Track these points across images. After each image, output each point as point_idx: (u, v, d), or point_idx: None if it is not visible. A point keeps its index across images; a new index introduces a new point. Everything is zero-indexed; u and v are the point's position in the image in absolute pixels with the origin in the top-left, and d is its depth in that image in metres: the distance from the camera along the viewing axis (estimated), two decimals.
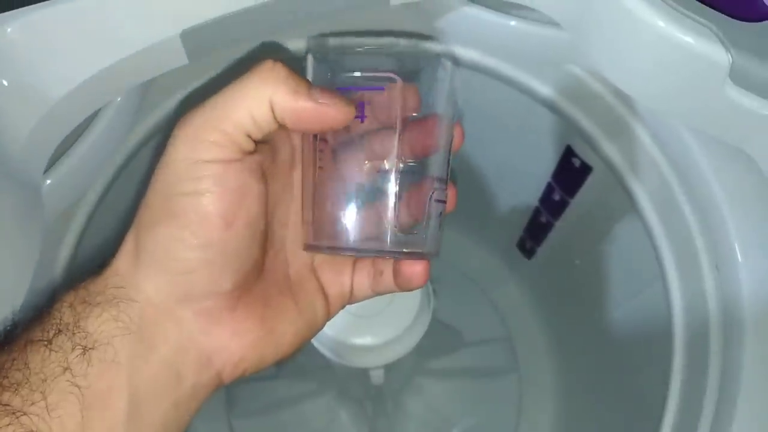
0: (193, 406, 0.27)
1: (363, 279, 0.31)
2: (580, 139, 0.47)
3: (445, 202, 0.29)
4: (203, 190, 0.24)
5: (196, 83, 0.43)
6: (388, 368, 0.50)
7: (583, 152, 0.50)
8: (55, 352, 0.24)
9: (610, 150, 0.44)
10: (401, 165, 0.27)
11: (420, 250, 0.29)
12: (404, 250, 0.28)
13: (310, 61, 0.28)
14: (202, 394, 0.27)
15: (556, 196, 0.57)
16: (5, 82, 0.30)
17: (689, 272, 0.39)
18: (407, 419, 0.70)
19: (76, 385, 0.23)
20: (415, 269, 0.29)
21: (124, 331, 0.25)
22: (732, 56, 0.28)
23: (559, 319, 0.72)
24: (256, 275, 0.28)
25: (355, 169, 0.28)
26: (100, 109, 0.36)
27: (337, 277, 0.31)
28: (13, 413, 0.22)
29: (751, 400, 0.33)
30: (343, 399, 0.71)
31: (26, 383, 0.23)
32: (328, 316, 0.31)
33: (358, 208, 0.28)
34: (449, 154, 0.29)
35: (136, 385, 0.24)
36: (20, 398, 0.23)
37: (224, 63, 0.44)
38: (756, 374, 0.34)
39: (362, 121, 0.27)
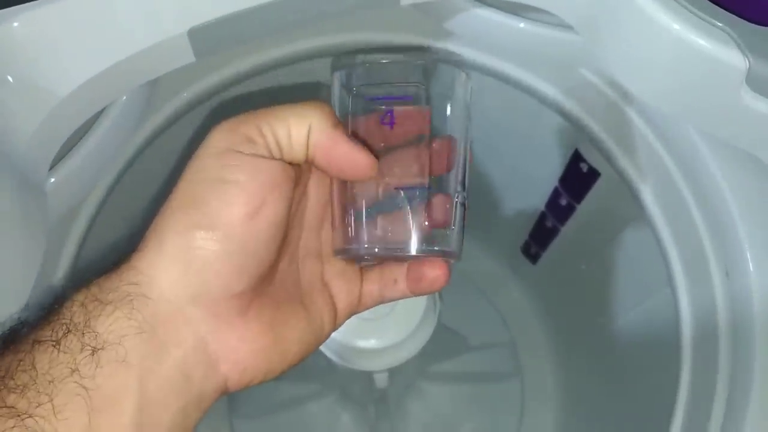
0: (199, 413, 0.26)
1: (372, 288, 0.31)
2: (589, 144, 0.47)
3: (465, 206, 0.30)
4: (230, 178, 0.24)
5: (203, 83, 0.43)
6: (392, 372, 0.50)
7: (591, 157, 0.49)
8: (64, 352, 0.23)
9: (619, 155, 0.44)
10: (433, 172, 0.29)
11: (449, 249, 0.30)
12: (435, 248, 0.29)
13: (336, 78, 0.29)
14: (207, 401, 0.26)
15: (563, 201, 0.57)
16: (10, 79, 0.29)
17: (698, 279, 0.39)
18: (410, 423, 0.70)
19: (84, 387, 0.23)
20: (437, 272, 0.30)
21: (136, 331, 0.24)
22: (749, 61, 0.27)
23: (563, 325, 0.72)
24: (270, 280, 0.27)
25: (386, 178, 0.29)
26: (105, 108, 0.36)
27: (347, 286, 0.31)
28: (18, 416, 0.22)
29: (761, 411, 0.33)
30: (345, 401, 0.70)
31: (33, 385, 0.22)
32: (335, 326, 0.31)
33: (388, 214, 0.29)
34: (467, 161, 0.30)
35: (145, 388, 0.24)
36: (26, 400, 0.22)
37: (231, 63, 0.43)
38: (766, 384, 0.33)
39: (391, 128, 0.29)
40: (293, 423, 0.70)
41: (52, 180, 0.34)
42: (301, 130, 0.26)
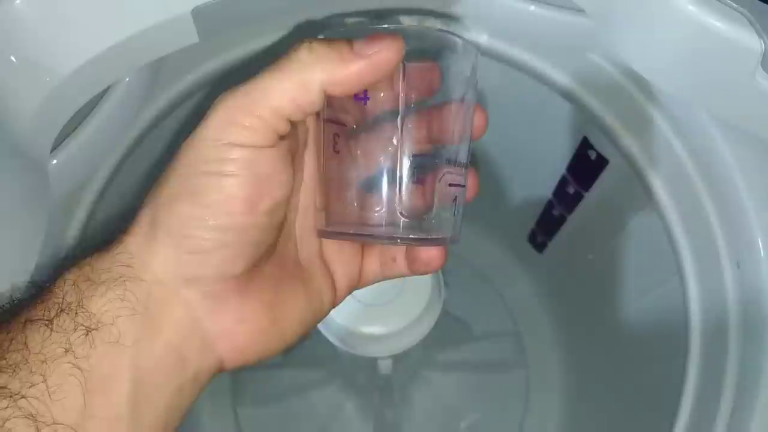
0: (195, 392, 0.26)
1: (372, 265, 0.31)
2: (598, 131, 0.46)
3: (462, 186, 0.28)
4: (229, 172, 0.24)
5: (208, 65, 0.43)
6: (397, 358, 0.50)
7: (600, 144, 0.49)
8: (56, 332, 0.23)
9: (629, 142, 0.43)
10: (410, 150, 0.27)
11: (431, 236, 0.28)
12: (411, 236, 0.27)
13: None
14: (203, 380, 0.26)
15: (570, 189, 0.56)
16: (13, 58, 0.29)
17: (708, 268, 0.38)
18: (414, 411, 0.70)
19: (78, 368, 0.22)
20: (432, 253, 0.29)
21: (129, 312, 0.24)
22: (765, 43, 0.27)
23: (569, 315, 0.72)
24: (268, 260, 0.27)
25: (369, 155, 0.27)
26: (107, 90, 0.36)
27: (346, 263, 0.30)
28: (11, 396, 0.21)
29: None
30: (349, 389, 0.70)
31: (25, 364, 0.22)
32: (334, 303, 0.30)
33: (371, 194, 0.27)
34: (467, 139, 0.28)
35: (140, 369, 0.24)
36: (18, 380, 0.22)
37: (237, 45, 0.43)
38: None
39: (365, 104, 0.27)
40: (297, 410, 0.70)
41: (54, 161, 0.34)
42: (311, 91, 0.24)
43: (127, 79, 0.36)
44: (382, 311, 0.46)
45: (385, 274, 0.31)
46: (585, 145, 0.50)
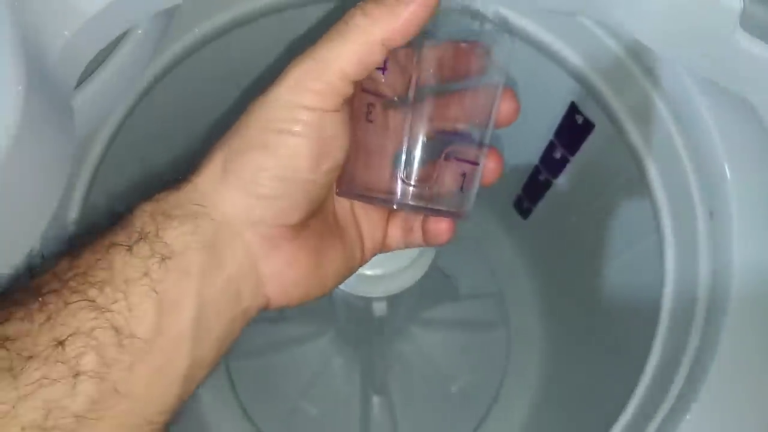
0: (242, 325, 0.29)
1: (396, 232, 0.34)
2: (585, 95, 0.48)
3: (474, 165, 0.31)
4: (298, 132, 0.26)
5: (222, 15, 0.44)
6: (390, 303, 0.52)
7: (587, 109, 0.51)
8: (136, 257, 0.25)
9: (615, 105, 0.45)
10: (422, 124, 0.29)
11: (434, 207, 0.30)
12: (412, 203, 0.30)
13: None
14: (250, 315, 0.29)
15: (557, 154, 0.58)
16: None
17: (684, 219, 0.41)
18: (400, 365, 0.73)
19: (154, 290, 0.25)
20: (440, 226, 0.32)
21: (198, 245, 0.26)
22: (744, 2, 0.29)
23: (550, 277, 0.74)
24: (316, 214, 0.30)
25: (388, 126, 0.30)
26: (120, 37, 0.37)
27: (372, 226, 0.33)
28: (99, 309, 0.24)
29: (727, 361, 0.35)
30: (339, 343, 0.73)
31: (110, 283, 0.25)
32: (363, 260, 0.34)
33: (386, 161, 0.30)
34: (488, 123, 0.31)
35: (203, 297, 0.26)
36: (104, 296, 0.24)
37: None
38: (734, 341, 0.35)
39: (383, 73, 0.29)
40: (287, 363, 0.72)
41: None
42: (374, 51, 0.26)
43: (144, 23, 0.37)
44: (380, 255, 0.48)
45: (407, 243, 0.34)
46: (572, 110, 0.52)
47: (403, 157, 0.29)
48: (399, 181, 0.29)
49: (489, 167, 0.32)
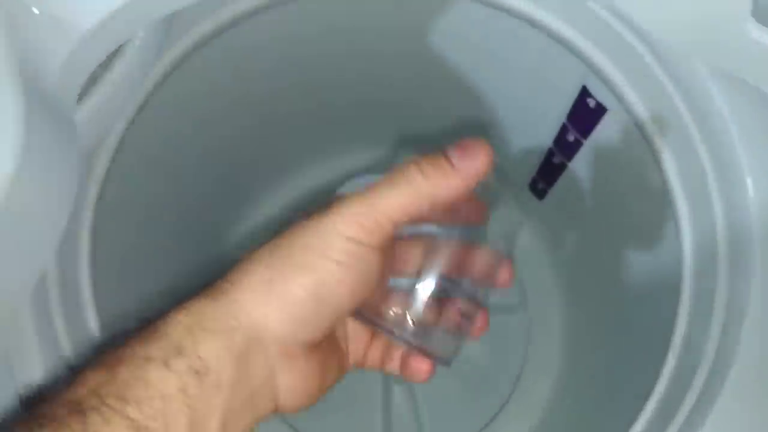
0: (253, 429, 0.30)
1: (375, 354, 0.36)
2: (597, 79, 0.47)
3: (469, 320, 0.34)
4: (344, 262, 0.28)
5: (219, 16, 0.43)
6: None
7: (599, 93, 0.50)
8: (173, 372, 0.26)
9: (626, 89, 0.45)
10: (435, 271, 0.33)
11: (423, 347, 0.33)
12: (406, 338, 0.33)
13: None
14: (260, 421, 0.30)
15: (570, 137, 0.57)
16: (35, 10, 0.30)
17: (701, 208, 0.40)
18: None
19: (188, 406, 0.26)
20: (422, 366, 0.35)
21: (231, 359, 0.28)
22: None
23: (567, 259, 0.74)
24: None
25: (404, 262, 0.34)
26: (121, 46, 0.36)
27: (355, 343, 0.36)
28: (138, 428, 0.25)
29: (756, 332, 0.35)
30: None
31: (148, 400, 0.26)
32: (343, 374, 0.35)
33: (398, 295, 0.33)
34: (488, 284, 0.35)
35: (229, 410, 0.28)
36: (143, 414, 0.26)
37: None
38: (761, 306, 0.35)
39: None
40: None
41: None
42: (420, 204, 0.29)
43: (142, 33, 0.37)
44: None
45: (383, 366, 0.36)
46: (584, 93, 0.52)
47: (416, 298, 0.33)
48: (408, 319, 0.33)
49: (477, 326, 0.36)
